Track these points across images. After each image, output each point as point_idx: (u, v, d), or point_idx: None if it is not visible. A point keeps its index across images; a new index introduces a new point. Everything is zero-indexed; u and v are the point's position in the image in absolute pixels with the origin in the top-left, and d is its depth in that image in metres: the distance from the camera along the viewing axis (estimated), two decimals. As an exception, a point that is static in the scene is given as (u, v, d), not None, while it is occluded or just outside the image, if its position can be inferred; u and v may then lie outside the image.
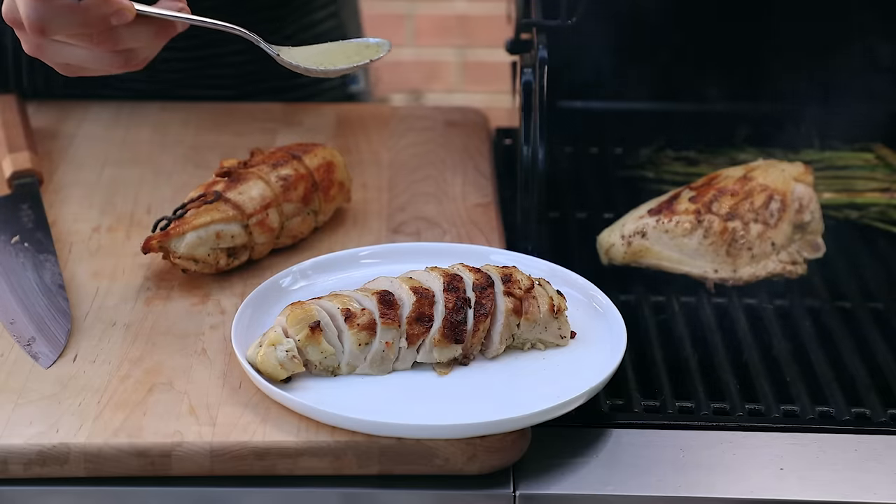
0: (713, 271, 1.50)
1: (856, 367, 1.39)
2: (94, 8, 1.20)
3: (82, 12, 1.20)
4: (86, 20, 1.21)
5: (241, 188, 1.45)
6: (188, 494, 1.19)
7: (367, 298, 1.27)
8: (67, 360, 1.29)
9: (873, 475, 1.23)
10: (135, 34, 1.24)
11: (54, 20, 1.20)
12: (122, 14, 1.21)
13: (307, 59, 1.32)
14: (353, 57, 1.34)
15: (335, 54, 1.34)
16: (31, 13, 1.20)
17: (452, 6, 3.91)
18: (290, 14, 1.88)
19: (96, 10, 1.20)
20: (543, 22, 1.49)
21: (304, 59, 1.32)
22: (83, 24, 1.21)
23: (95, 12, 1.20)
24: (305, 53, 1.33)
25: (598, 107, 1.86)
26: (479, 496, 1.19)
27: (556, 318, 1.30)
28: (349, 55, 1.34)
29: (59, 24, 1.21)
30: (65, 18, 1.20)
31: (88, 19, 1.20)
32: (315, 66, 1.32)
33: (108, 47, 1.24)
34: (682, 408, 1.33)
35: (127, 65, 1.27)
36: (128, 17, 1.22)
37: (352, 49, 1.35)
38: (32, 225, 1.49)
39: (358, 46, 1.35)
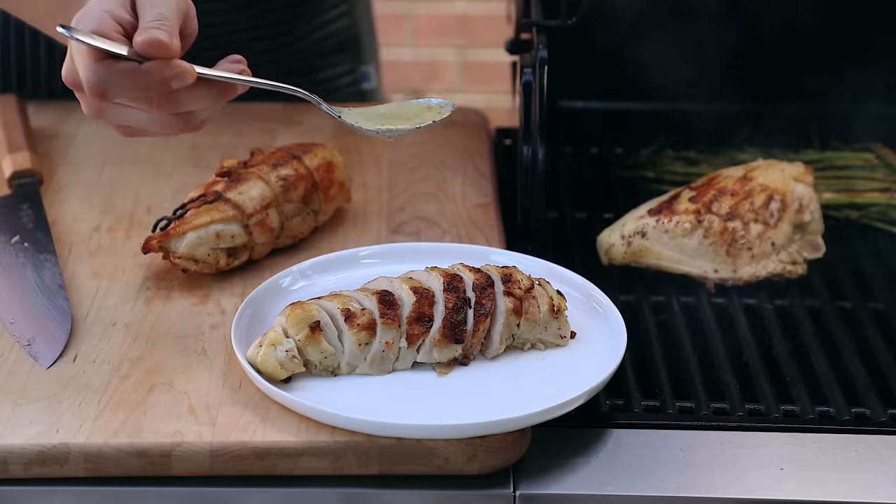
0: (713, 271, 1.50)
1: (856, 367, 1.39)
2: (154, 71, 1.18)
3: (143, 75, 1.18)
4: (146, 83, 1.18)
5: (241, 188, 1.45)
6: (188, 494, 1.19)
7: (367, 298, 1.27)
8: (67, 360, 1.29)
9: (873, 475, 1.23)
10: (196, 97, 1.22)
11: (115, 83, 1.18)
12: (182, 77, 1.19)
13: (368, 120, 1.31)
14: (413, 119, 1.32)
15: (396, 116, 1.32)
16: (91, 77, 1.18)
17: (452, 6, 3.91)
18: (304, 14, 1.88)
19: (157, 74, 1.18)
20: (543, 22, 1.49)
21: (366, 121, 1.31)
22: (144, 87, 1.19)
23: (156, 76, 1.18)
24: (367, 115, 1.32)
25: (598, 107, 1.86)
26: (479, 496, 1.19)
27: (556, 318, 1.30)
28: (410, 117, 1.33)
29: (120, 88, 1.19)
30: (125, 82, 1.18)
31: (149, 82, 1.18)
32: (377, 128, 1.30)
33: (168, 110, 1.21)
34: (682, 408, 1.33)
35: (186, 127, 1.25)
36: (188, 81, 1.19)
37: (413, 110, 1.33)
38: (32, 225, 1.49)
39: (419, 108, 1.33)
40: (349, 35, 1.96)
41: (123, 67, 1.18)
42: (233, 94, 1.25)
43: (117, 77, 1.18)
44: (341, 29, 1.94)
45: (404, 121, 1.32)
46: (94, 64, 1.18)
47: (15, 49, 1.82)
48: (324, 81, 1.94)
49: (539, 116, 1.47)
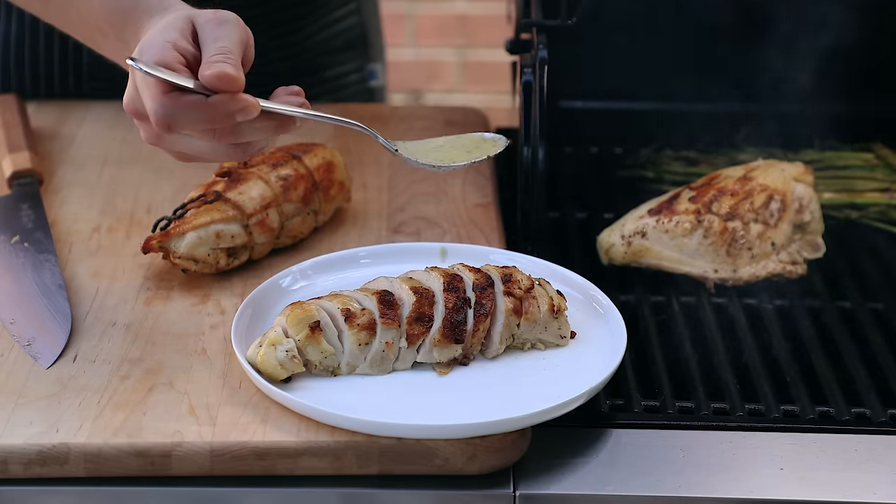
0: (713, 271, 1.50)
1: (856, 367, 1.39)
2: (221, 105, 1.19)
3: (210, 109, 1.19)
4: (212, 116, 1.20)
5: (241, 188, 1.45)
6: (188, 494, 1.19)
7: (367, 298, 1.27)
8: (67, 360, 1.29)
9: (873, 475, 1.23)
10: (256, 129, 1.23)
11: (182, 116, 1.19)
12: (247, 111, 1.20)
13: (425, 154, 1.32)
14: (472, 152, 1.33)
15: (452, 150, 1.33)
16: (158, 109, 1.19)
17: (452, 6, 3.91)
18: (312, 13, 1.89)
19: (223, 107, 1.19)
20: (543, 22, 1.49)
21: (423, 156, 1.32)
22: (209, 119, 1.20)
23: (223, 109, 1.19)
24: (423, 149, 1.33)
25: (598, 107, 1.86)
26: (479, 496, 1.19)
27: (556, 318, 1.30)
28: (468, 150, 1.33)
29: (186, 120, 1.20)
30: (192, 115, 1.19)
31: (215, 115, 1.20)
32: (433, 163, 1.31)
33: (228, 140, 1.23)
34: (682, 408, 1.33)
35: (243, 156, 1.26)
36: (253, 114, 1.20)
37: (470, 143, 1.34)
38: (32, 225, 1.49)
39: (475, 140, 1.35)
40: (357, 33, 1.96)
41: (190, 101, 1.19)
42: (291, 127, 1.26)
43: (184, 110, 1.19)
44: (349, 27, 1.95)
45: (463, 154, 1.33)
46: (161, 96, 1.19)
47: (15, 49, 1.82)
48: (331, 79, 1.95)
49: (539, 116, 1.47)
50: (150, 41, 1.22)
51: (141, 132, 1.25)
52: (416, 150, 1.32)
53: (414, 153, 1.32)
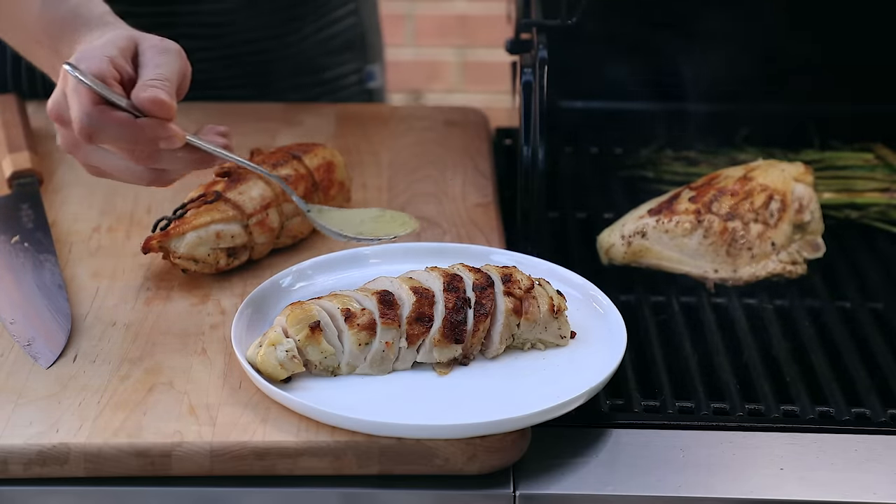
0: (713, 271, 1.50)
1: (856, 367, 1.39)
2: (148, 128, 1.20)
3: (136, 129, 1.21)
4: (136, 137, 1.21)
5: (241, 188, 1.45)
6: (188, 494, 1.19)
7: (367, 298, 1.27)
8: (67, 360, 1.29)
9: (873, 475, 1.23)
10: (177, 159, 1.25)
11: (106, 130, 1.20)
12: (172, 140, 1.22)
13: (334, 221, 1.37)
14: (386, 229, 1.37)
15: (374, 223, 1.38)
16: (84, 118, 1.20)
17: (452, 6, 3.91)
18: (310, 14, 1.89)
19: (150, 131, 1.21)
20: (543, 22, 1.49)
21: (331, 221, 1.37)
22: (132, 139, 1.21)
23: (149, 133, 1.21)
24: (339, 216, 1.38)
25: (598, 107, 1.86)
26: (479, 496, 1.19)
27: (556, 318, 1.30)
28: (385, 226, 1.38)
29: (110, 135, 1.21)
30: (117, 131, 1.20)
31: (139, 137, 1.21)
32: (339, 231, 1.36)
33: (146, 164, 1.24)
34: (682, 408, 1.33)
35: (157, 181, 1.28)
36: (176, 144, 1.22)
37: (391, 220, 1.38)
38: (32, 225, 1.49)
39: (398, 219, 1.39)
40: (355, 34, 1.96)
41: (118, 117, 1.20)
42: (211, 165, 1.28)
43: (110, 125, 1.20)
44: (348, 28, 1.95)
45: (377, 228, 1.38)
46: (90, 106, 1.20)
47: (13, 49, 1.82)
48: (330, 80, 1.95)
49: (539, 116, 1.47)
50: (89, 52, 1.23)
51: (58, 137, 1.25)
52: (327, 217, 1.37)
53: (324, 218, 1.36)
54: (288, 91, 1.90)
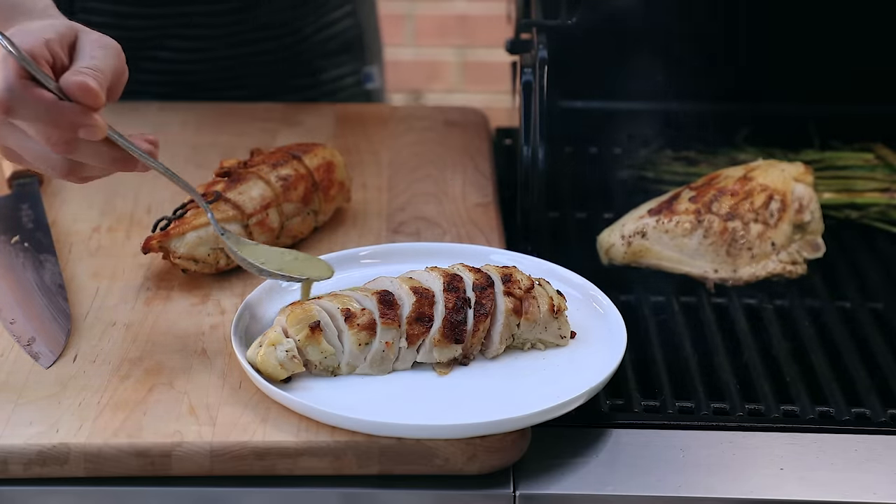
0: (713, 271, 1.50)
1: (856, 367, 1.39)
2: (70, 112, 1.16)
3: (57, 112, 1.16)
4: (56, 119, 1.16)
5: (241, 188, 1.45)
6: (188, 494, 1.19)
7: (367, 298, 1.27)
8: (67, 360, 1.29)
9: (873, 475, 1.23)
10: (95, 153, 1.20)
11: (26, 106, 1.16)
12: (92, 130, 1.17)
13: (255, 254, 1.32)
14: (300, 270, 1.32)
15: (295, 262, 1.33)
16: (5, 90, 1.15)
17: (452, 6, 3.91)
18: (309, 14, 1.89)
19: (72, 116, 1.16)
20: (543, 22, 1.49)
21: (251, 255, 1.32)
22: (51, 121, 1.16)
23: (70, 117, 1.16)
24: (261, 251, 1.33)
25: (598, 107, 1.86)
26: (479, 496, 1.19)
27: (556, 318, 1.30)
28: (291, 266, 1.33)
29: (27, 112, 1.16)
30: (37, 109, 1.16)
31: (59, 120, 1.16)
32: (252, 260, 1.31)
33: (62, 152, 1.19)
34: (682, 408, 1.33)
35: (70, 175, 1.22)
36: (96, 136, 1.17)
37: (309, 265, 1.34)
38: (32, 225, 1.49)
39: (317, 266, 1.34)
40: (353, 35, 1.96)
41: (42, 94, 1.16)
42: (131, 168, 1.23)
43: (32, 101, 1.15)
44: (345, 29, 1.95)
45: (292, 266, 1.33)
46: (14, 78, 1.15)
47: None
48: (328, 82, 1.95)
49: (539, 116, 1.47)
50: (26, 29, 1.20)
51: None
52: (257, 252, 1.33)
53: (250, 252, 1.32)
54: (286, 92, 1.90)
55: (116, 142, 1.20)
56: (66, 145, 1.18)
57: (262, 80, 1.90)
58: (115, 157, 1.21)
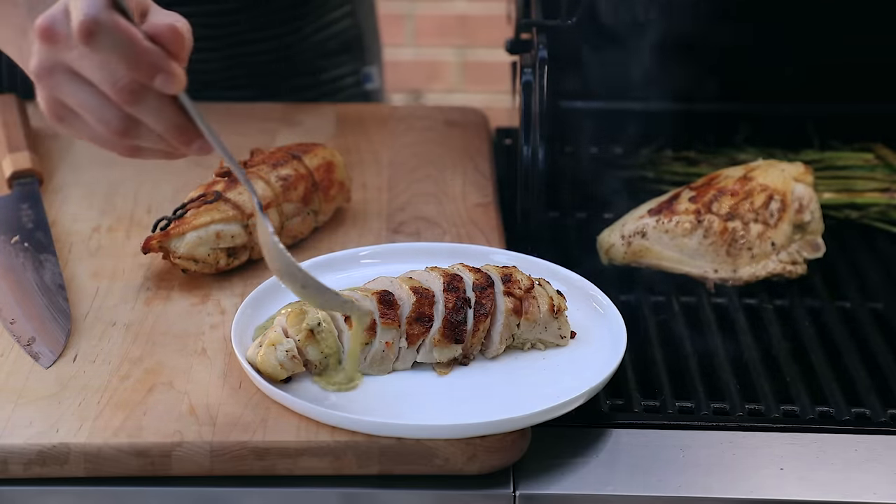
0: (713, 271, 1.50)
1: (856, 367, 1.39)
2: (152, 54, 1.08)
3: (140, 49, 1.07)
4: (136, 59, 1.07)
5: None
6: (188, 494, 1.19)
7: (367, 298, 1.27)
8: (67, 360, 1.29)
9: (873, 475, 1.23)
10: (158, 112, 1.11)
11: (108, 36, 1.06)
12: (170, 78, 1.08)
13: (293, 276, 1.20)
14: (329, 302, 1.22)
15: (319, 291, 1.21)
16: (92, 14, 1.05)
17: (452, 6, 3.91)
18: (308, 14, 1.89)
19: (153, 57, 1.08)
20: (543, 22, 1.49)
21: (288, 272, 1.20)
22: (131, 60, 1.07)
23: (151, 58, 1.08)
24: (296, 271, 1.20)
25: (598, 107, 1.86)
26: (479, 496, 1.19)
27: (556, 318, 1.30)
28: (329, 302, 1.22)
29: (108, 43, 1.06)
30: (119, 42, 1.06)
31: (139, 60, 1.07)
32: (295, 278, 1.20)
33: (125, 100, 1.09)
34: (682, 408, 1.33)
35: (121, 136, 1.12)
36: (172, 87, 1.09)
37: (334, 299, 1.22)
38: (32, 225, 1.49)
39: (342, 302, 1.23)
40: (352, 36, 1.96)
41: (129, 27, 1.07)
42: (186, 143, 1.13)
43: (117, 32, 1.06)
44: (344, 30, 1.95)
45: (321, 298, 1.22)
46: (102, 4, 1.06)
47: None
48: (327, 82, 1.95)
49: (539, 116, 1.47)
50: None
51: (33, 59, 1.11)
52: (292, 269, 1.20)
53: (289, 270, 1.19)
54: (285, 92, 1.90)
55: (185, 106, 1.11)
56: (133, 94, 1.09)
57: (262, 80, 1.90)
58: (176, 124, 1.12)
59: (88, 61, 1.09)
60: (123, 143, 1.13)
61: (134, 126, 1.12)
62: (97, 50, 1.08)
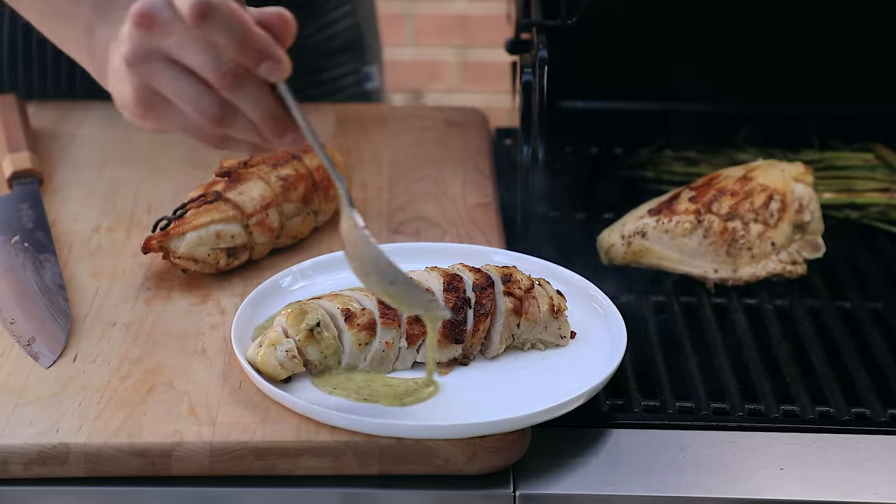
0: (713, 271, 1.50)
1: (856, 367, 1.39)
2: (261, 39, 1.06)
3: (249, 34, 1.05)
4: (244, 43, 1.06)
5: (241, 188, 1.45)
6: (188, 494, 1.19)
7: (367, 298, 1.27)
8: (67, 360, 1.29)
9: (873, 475, 1.23)
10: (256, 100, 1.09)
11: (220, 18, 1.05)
12: (276, 65, 1.07)
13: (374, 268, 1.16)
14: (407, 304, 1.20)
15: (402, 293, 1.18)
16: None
17: (452, 6, 3.91)
18: (309, 15, 1.89)
19: (262, 42, 1.06)
20: (543, 22, 1.49)
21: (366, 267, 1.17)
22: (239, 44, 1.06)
23: (260, 43, 1.06)
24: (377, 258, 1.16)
25: (598, 107, 1.86)
26: (479, 496, 1.19)
27: (556, 318, 1.30)
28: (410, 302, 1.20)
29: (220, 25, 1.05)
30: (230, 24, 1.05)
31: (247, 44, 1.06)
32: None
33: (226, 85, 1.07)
34: (682, 408, 1.33)
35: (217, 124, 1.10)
36: (277, 73, 1.07)
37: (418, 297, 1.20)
38: (32, 225, 1.49)
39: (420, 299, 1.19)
40: (352, 35, 1.96)
41: (240, 10, 1.06)
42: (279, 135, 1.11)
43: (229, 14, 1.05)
44: (345, 29, 1.95)
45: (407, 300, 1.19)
46: None
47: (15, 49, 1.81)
48: (328, 81, 1.95)
49: (539, 116, 1.47)
50: None
51: (125, 46, 1.10)
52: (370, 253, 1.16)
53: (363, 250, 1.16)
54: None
55: (283, 96, 1.10)
56: (236, 79, 1.07)
57: None
58: (272, 114, 1.10)
59: (190, 47, 1.08)
60: (216, 132, 1.12)
61: (230, 114, 1.10)
62: (208, 32, 1.06)
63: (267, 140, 1.12)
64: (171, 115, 1.12)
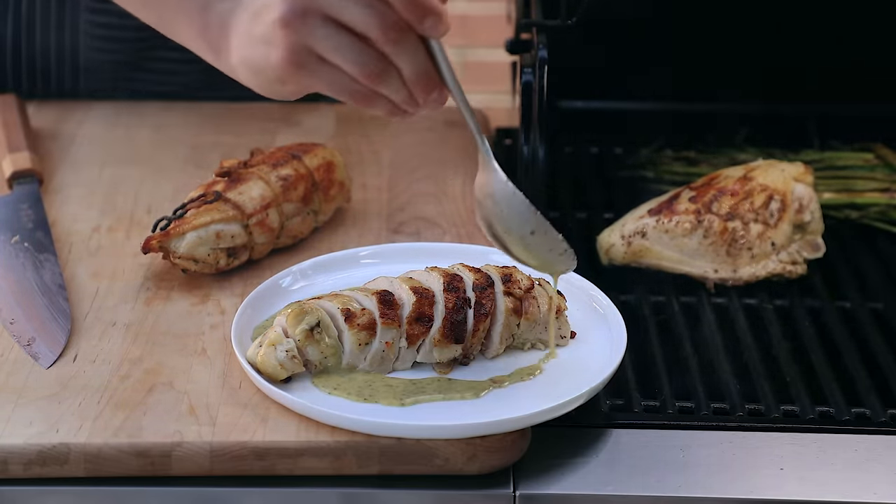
0: (713, 271, 1.50)
1: (856, 367, 1.39)
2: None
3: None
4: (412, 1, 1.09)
5: (241, 188, 1.45)
6: (188, 494, 1.19)
7: (367, 298, 1.27)
8: (67, 360, 1.29)
9: (873, 475, 1.23)
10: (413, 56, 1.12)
11: None
12: (439, 21, 1.10)
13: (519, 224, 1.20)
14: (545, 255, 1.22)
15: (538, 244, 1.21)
16: None
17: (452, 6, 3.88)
18: None
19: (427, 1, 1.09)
20: (543, 22, 1.49)
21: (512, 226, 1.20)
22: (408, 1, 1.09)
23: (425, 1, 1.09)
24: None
25: (598, 107, 1.86)
26: (479, 496, 1.19)
27: (557, 318, 1.30)
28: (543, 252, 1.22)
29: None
30: None
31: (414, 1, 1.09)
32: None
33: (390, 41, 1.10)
34: (682, 408, 1.33)
35: (375, 81, 1.12)
36: (439, 29, 1.10)
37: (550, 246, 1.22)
38: (32, 225, 1.49)
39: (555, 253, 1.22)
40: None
41: None
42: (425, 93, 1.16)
43: None
44: None
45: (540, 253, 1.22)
46: None
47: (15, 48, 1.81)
48: None
49: (539, 116, 1.47)
50: None
51: (280, 6, 1.11)
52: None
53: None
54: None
55: (434, 53, 1.13)
56: (400, 33, 1.10)
57: None
58: (425, 70, 1.13)
59: (353, 3, 1.10)
60: (369, 87, 1.14)
61: (386, 70, 1.13)
62: None
63: (414, 98, 1.15)
64: (323, 73, 1.14)
